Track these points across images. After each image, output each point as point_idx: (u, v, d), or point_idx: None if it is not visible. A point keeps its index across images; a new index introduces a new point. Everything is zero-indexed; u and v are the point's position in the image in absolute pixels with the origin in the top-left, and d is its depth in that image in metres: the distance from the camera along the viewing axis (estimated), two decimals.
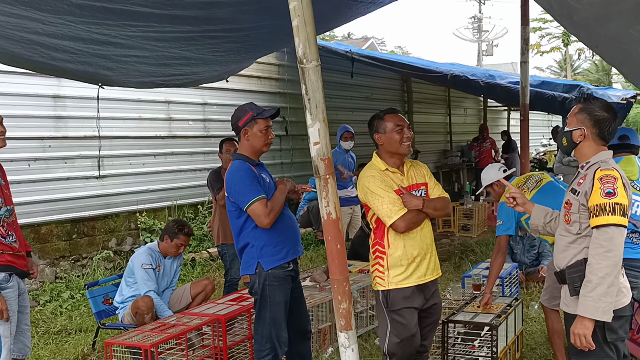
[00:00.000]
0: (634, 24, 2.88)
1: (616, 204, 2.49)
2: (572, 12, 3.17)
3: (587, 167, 2.69)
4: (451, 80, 8.69)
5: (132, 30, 4.01)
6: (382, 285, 3.20)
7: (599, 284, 2.46)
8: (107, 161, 7.30)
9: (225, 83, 7.68)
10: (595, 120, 2.67)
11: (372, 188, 3.15)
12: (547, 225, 2.97)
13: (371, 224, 3.28)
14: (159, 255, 4.88)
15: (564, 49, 28.69)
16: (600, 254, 2.48)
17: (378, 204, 3.13)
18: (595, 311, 2.47)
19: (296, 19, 2.77)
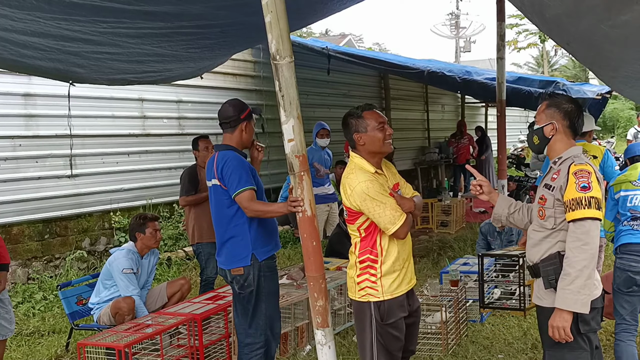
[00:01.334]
0: (605, 20, 2.89)
1: (592, 197, 2.53)
2: (544, 9, 3.18)
3: (560, 163, 2.72)
4: (428, 76, 8.71)
5: (103, 27, 3.95)
6: (374, 297, 2.94)
7: (577, 276, 2.50)
8: (80, 160, 7.19)
9: (200, 80, 7.61)
10: (565, 113, 2.72)
11: (372, 194, 2.87)
12: (511, 216, 2.98)
13: (359, 233, 2.98)
14: (138, 257, 4.82)
15: (540, 45, 29.02)
16: (577, 247, 2.51)
17: (380, 211, 2.87)
18: (574, 303, 2.51)
19: (269, 14, 2.76)
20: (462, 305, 4.87)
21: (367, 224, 2.96)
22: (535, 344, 4.50)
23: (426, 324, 4.65)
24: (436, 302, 4.63)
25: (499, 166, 7.20)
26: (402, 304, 3.00)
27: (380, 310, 2.95)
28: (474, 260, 5.75)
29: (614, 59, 3.87)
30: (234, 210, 3.46)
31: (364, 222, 2.96)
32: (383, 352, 2.98)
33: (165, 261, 7.25)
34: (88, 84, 6.04)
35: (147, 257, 4.92)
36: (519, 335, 4.73)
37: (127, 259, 4.68)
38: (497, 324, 5.01)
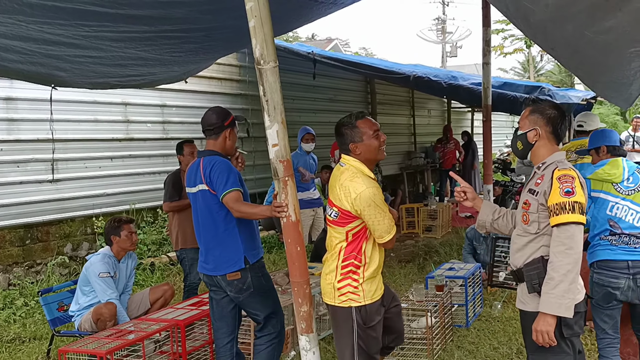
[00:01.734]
0: (589, 26, 2.91)
1: (575, 202, 2.54)
2: (529, 15, 3.19)
3: (544, 168, 2.74)
4: (414, 81, 8.73)
5: (85, 30, 3.91)
6: (356, 302, 2.98)
7: (561, 280, 2.51)
8: (62, 164, 7.10)
9: (184, 84, 7.55)
10: (548, 119, 2.75)
11: (377, 201, 2.91)
12: (495, 222, 3.01)
13: (346, 237, 2.99)
14: (115, 261, 4.75)
15: (527, 51, 29.25)
16: (561, 251, 2.52)
17: (380, 219, 2.91)
18: (558, 308, 2.52)
19: (253, 19, 2.75)
20: (448, 310, 4.87)
21: (358, 229, 2.98)
22: (521, 348, 4.50)
23: (411, 329, 4.64)
24: (421, 307, 4.61)
25: (485, 171, 7.22)
26: (379, 307, 3.08)
27: (362, 315, 2.99)
28: (459, 265, 5.76)
29: (598, 65, 3.89)
30: (224, 214, 3.46)
31: (355, 226, 2.97)
32: (364, 356, 3.02)
33: (149, 267, 7.17)
34: (70, 88, 5.98)
35: (124, 260, 4.86)
36: (504, 340, 4.73)
37: (103, 263, 4.62)
38: (483, 329, 5.01)
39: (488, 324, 5.16)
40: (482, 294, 5.67)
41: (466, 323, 5.11)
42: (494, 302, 5.56)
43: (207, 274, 3.61)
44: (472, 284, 5.33)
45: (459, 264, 5.80)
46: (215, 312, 3.68)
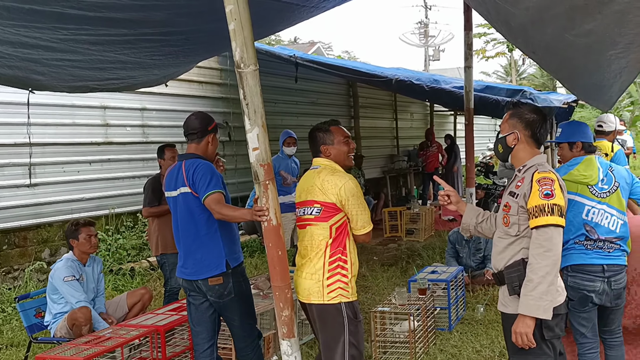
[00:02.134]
0: (569, 29, 2.93)
1: (554, 204, 2.55)
2: (509, 18, 3.21)
3: (524, 170, 2.76)
4: (396, 85, 8.73)
5: (63, 34, 3.87)
6: (346, 297, 3.04)
7: (540, 282, 2.52)
8: (39, 169, 7.00)
9: (164, 88, 7.49)
10: (527, 123, 2.76)
11: (359, 193, 3.07)
12: (479, 226, 3.02)
13: (330, 232, 3.05)
14: (79, 265, 4.69)
15: (509, 54, 29.55)
16: (540, 253, 2.53)
17: (362, 210, 3.07)
18: (537, 309, 2.53)
19: (233, 22, 2.73)
20: (430, 314, 4.86)
21: (341, 223, 3.06)
22: (503, 351, 4.50)
23: (394, 333, 4.63)
24: (404, 311, 4.60)
25: (467, 174, 7.24)
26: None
27: (350, 310, 3.06)
28: (442, 268, 5.76)
29: (578, 67, 3.92)
30: (206, 217, 3.43)
31: (338, 220, 3.05)
32: (355, 352, 3.07)
33: (129, 272, 7.08)
34: (48, 91, 5.89)
35: (89, 264, 4.80)
36: (487, 343, 4.74)
37: (66, 268, 4.56)
38: (466, 332, 5.02)
39: (471, 327, 5.17)
40: (465, 297, 5.68)
41: (449, 326, 5.11)
42: (476, 305, 5.57)
43: (187, 279, 3.56)
44: (454, 287, 5.34)
45: (442, 267, 5.80)
46: (194, 318, 3.64)
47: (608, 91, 4.34)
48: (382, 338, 4.61)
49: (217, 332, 3.71)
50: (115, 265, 7.17)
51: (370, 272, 7.29)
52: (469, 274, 6.27)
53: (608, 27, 2.71)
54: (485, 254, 6.37)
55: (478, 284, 6.22)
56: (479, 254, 6.41)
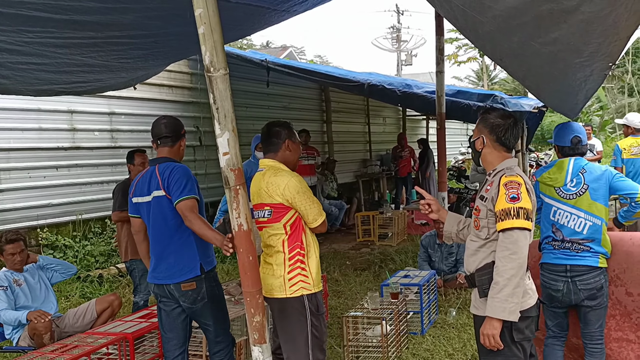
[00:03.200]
0: (535, 37, 2.97)
1: (520, 208, 2.59)
2: (477, 26, 3.23)
3: (494, 174, 2.81)
4: (368, 89, 8.76)
5: (29, 36, 3.79)
6: (308, 290, 3.14)
7: (505, 285, 2.55)
8: (4, 174, 6.85)
9: (134, 92, 7.41)
10: (491, 128, 2.82)
11: (304, 188, 3.15)
12: (460, 233, 3.06)
13: (284, 230, 3.17)
14: (12, 273, 4.61)
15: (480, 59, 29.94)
16: (505, 256, 2.57)
17: (310, 204, 3.15)
18: (502, 311, 2.56)
19: (202, 26, 2.70)
20: (403, 318, 4.88)
21: (293, 220, 3.16)
22: (475, 355, 4.53)
23: (367, 337, 4.62)
24: (377, 315, 4.61)
25: (440, 178, 7.30)
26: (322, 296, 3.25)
27: (312, 302, 3.15)
28: (414, 272, 5.79)
29: (544, 75, 3.98)
30: (180, 221, 3.38)
31: (290, 217, 3.15)
32: (317, 345, 3.14)
33: (97, 278, 6.95)
34: (13, 95, 5.76)
35: (32, 269, 4.72)
36: (459, 346, 4.77)
37: None
38: (438, 336, 5.04)
39: (443, 330, 5.20)
40: (437, 301, 5.71)
41: (421, 330, 5.13)
42: (449, 309, 5.61)
43: (158, 284, 3.51)
44: (427, 291, 5.37)
45: (414, 272, 5.83)
46: (165, 324, 3.59)
47: (574, 98, 4.42)
48: (355, 343, 4.60)
49: (188, 338, 3.67)
50: (83, 272, 7.02)
51: (343, 276, 7.28)
52: (442, 277, 6.31)
53: (573, 36, 2.76)
54: (457, 258, 6.42)
55: (450, 288, 6.27)
56: (451, 258, 6.45)
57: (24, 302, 4.54)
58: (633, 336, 3.66)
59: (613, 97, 24.48)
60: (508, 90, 28.29)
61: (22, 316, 4.35)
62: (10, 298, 4.45)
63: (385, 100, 11.02)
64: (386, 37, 36.39)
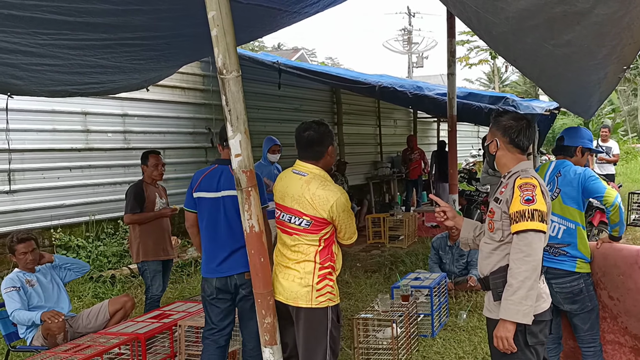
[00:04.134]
0: (548, 39, 2.96)
1: (535, 210, 2.58)
2: (491, 27, 3.23)
3: (509, 177, 2.80)
4: (379, 91, 8.75)
5: (43, 38, 3.84)
6: (333, 301, 3.10)
7: (519, 287, 2.54)
8: (19, 175, 6.91)
9: (146, 93, 7.44)
10: (503, 130, 2.81)
11: (348, 207, 3.10)
12: (477, 238, 3.04)
13: (319, 243, 3.07)
14: (25, 274, 4.64)
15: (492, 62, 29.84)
16: (520, 258, 2.56)
17: (351, 222, 3.13)
18: (516, 314, 2.55)
19: (215, 28, 2.71)
20: (413, 320, 4.86)
21: (329, 235, 3.10)
22: (486, 357, 4.51)
23: (377, 339, 4.62)
24: (387, 318, 4.60)
25: (450, 181, 7.28)
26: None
27: (336, 314, 3.12)
28: (425, 274, 5.77)
29: (558, 76, 3.96)
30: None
31: (327, 232, 3.08)
32: (331, 354, 3.12)
33: (109, 279, 6.99)
34: (27, 97, 5.82)
35: (44, 269, 4.75)
36: (469, 349, 4.75)
37: (8, 280, 4.55)
38: (448, 339, 5.03)
39: (454, 333, 5.18)
40: (448, 304, 5.69)
41: (432, 333, 5.11)
42: (459, 312, 5.59)
43: (222, 276, 3.62)
44: (437, 293, 5.35)
45: (425, 274, 5.81)
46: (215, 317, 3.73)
47: (587, 100, 4.39)
48: (365, 345, 4.60)
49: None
50: (96, 273, 7.07)
51: (354, 278, 7.28)
52: (452, 280, 6.29)
53: (586, 39, 2.74)
54: (468, 260, 6.39)
55: (461, 291, 6.24)
56: (462, 260, 6.43)
57: (37, 303, 4.58)
58: (622, 339, 3.65)
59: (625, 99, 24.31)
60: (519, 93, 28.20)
61: (36, 316, 4.38)
62: (23, 298, 4.48)
63: (397, 102, 11.01)
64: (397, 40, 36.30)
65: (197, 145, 9.40)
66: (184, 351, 4.34)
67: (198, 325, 4.34)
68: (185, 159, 9.18)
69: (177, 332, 4.37)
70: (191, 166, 9.27)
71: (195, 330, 4.41)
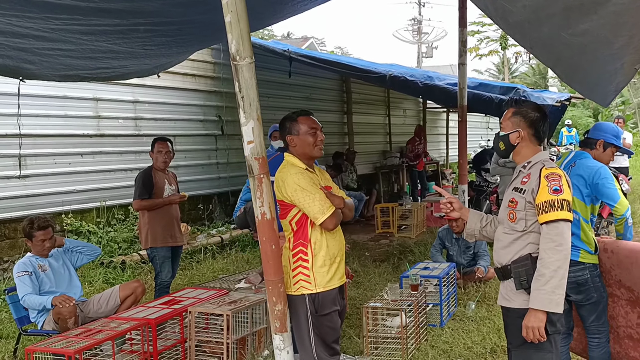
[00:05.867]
0: (565, 28, 2.93)
1: (563, 200, 2.59)
2: (507, 15, 3.21)
3: (530, 167, 2.78)
4: (390, 81, 8.71)
5: (55, 23, 3.84)
6: (308, 289, 3.08)
7: (552, 276, 2.54)
8: (30, 160, 6.94)
9: (157, 80, 7.46)
10: (530, 122, 2.79)
11: (302, 184, 3.04)
12: (483, 230, 3.04)
13: (291, 227, 3.11)
14: (37, 259, 4.68)
15: (501, 52, 29.61)
16: (551, 248, 2.56)
17: (309, 201, 3.04)
18: (549, 303, 2.56)
19: (229, 14, 2.70)
20: (422, 310, 4.87)
21: (298, 217, 3.10)
22: (495, 348, 4.52)
23: (386, 329, 4.63)
24: (396, 307, 4.61)
25: (460, 171, 7.24)
26: (335, 298, 3.15)
27: (315, 303, 3.08)
28: (434, 264, 5.77)
29: (574, 65, 3.93)
30: None
31: (295, 214, 3.09)
32: (320, 344, 3.11)
33: (120, 265, 7.04)
34: (39, 81, 5.84)
35: (57, 254, 4.79)
36: (478, 339, 4.75)
37: (20, 264, 4.59)
38: (457, 329, 5.03)
39: (462, 323, 5.18)
40: (457, 294, 5.69)
41: (440, 322, 5.12)
42: (468, 302, 5.59)
43: None
44: (446, 283, 5.35)
45: (434, 264, 5.81)
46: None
47: (604, 90, 4.36)
48: (374, 333, 4.61)
49: None
50: (107, 258, 7.12)
51: (362, 267, 7.29)
52: (460, 270, 6.29)
53: (603, 28, 2.72)
54: (475, 251, 6.39)
55: (469, 281, 6.24)
56: (469, 252, 6.42)
57: (49, 288, 4.61)
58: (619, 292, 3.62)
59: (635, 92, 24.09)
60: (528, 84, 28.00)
61: (47, 301, 4.42)
62: (35, 283, 4.52)
63: (407, 92, 10.97)
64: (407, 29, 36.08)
65: (207, 133, 9.41)
66: (194, 337, 4.36)
67: (208, 311, 4.37)
68: (196, 146, 9.20)
69: (188, 318, 4.39)
70: (201, 153, 9.29)
71: (205, 316, 4.44)
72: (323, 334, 3.11)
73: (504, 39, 26.56)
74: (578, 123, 25.00)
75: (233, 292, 4.88)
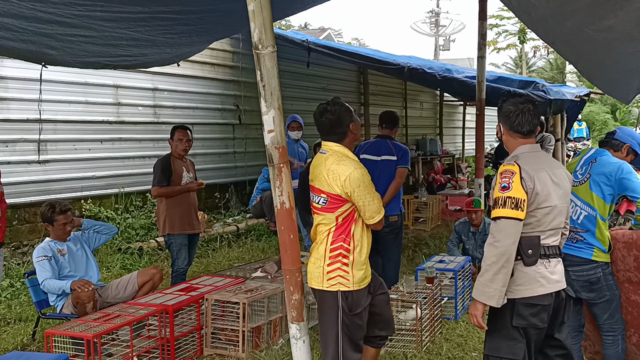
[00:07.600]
0: (589, 24, 2.90)
1: (508, 197, 2.62)
2: (530, 9, 3.18)
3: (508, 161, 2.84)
4: (408, 73, 8.67)
5: (78, 9, 3.86)
6: (345, 286, 2.99)
7: (486, 270, 2.64)
8: (51, 145, 7.01)
9: (177, 68, 7.49)
10: (504, 115, 2.85)
11: (366, 182, 2.97)
12: None
13: (335, 221, 3.01)
14: (56, 243, 4.72)
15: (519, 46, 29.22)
16: (490, 243, 2.64)
17: (370, 199, 2.97)
18: (481, 295, 2.66)
19: (252, 3, 2.71)
20: (437, 303, 4.87)
21: (348, 213, 3.01)
22: None
23: (400, 321, 4.63)
24: (411, 299, 4.61)
25: (477, 165, 7.22)
26: (366, 296, 3.11)
27: (348, 301, 3.01)
28: (449, 257, 5.76)
29: (596, 61, 3.89)
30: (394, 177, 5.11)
31: (345, 210, 3.00)
32: (348, 342, 3.05)
33: (137, 251, 7.12)
34: (61, 67, 5.89)
35: (70, 239, 4.82)
36: None
37: (40, 249, 4.63)
38: (471, 322, 5.02)
39: None
40: (472, 288, 5.66)
41: (455, 316, 5.12)
42: None
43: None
44: (462, 277, 5.34)
45: (449, 257, 5.80)
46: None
47: (626, 87, 4.31)
48: None
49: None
50: (124, 244, 7.20)
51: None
52: (476, 265, 6.27)
53: (629, 24, 2.68)
54: None
55: None
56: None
57: (68, 272, 4.66)
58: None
59: None
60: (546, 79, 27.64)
61: (66, 285, 4.47)
62: (54, 268, 4.56)
63: (425, 84, 10.91)
64: (425, 22, 35.80)
65: (225, 122, 9.44)
66: (210, 324, 4.41)
67: (224, 299, 4.41)
68: (213, 134, 9.24)
69: (204, 305, 4.43)
70: (218, 142, 9.33)
71: (221, 304, 4.48)
72: (352, 332, 3.05)
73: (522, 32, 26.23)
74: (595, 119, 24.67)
75: (249, 280, 4.91)
